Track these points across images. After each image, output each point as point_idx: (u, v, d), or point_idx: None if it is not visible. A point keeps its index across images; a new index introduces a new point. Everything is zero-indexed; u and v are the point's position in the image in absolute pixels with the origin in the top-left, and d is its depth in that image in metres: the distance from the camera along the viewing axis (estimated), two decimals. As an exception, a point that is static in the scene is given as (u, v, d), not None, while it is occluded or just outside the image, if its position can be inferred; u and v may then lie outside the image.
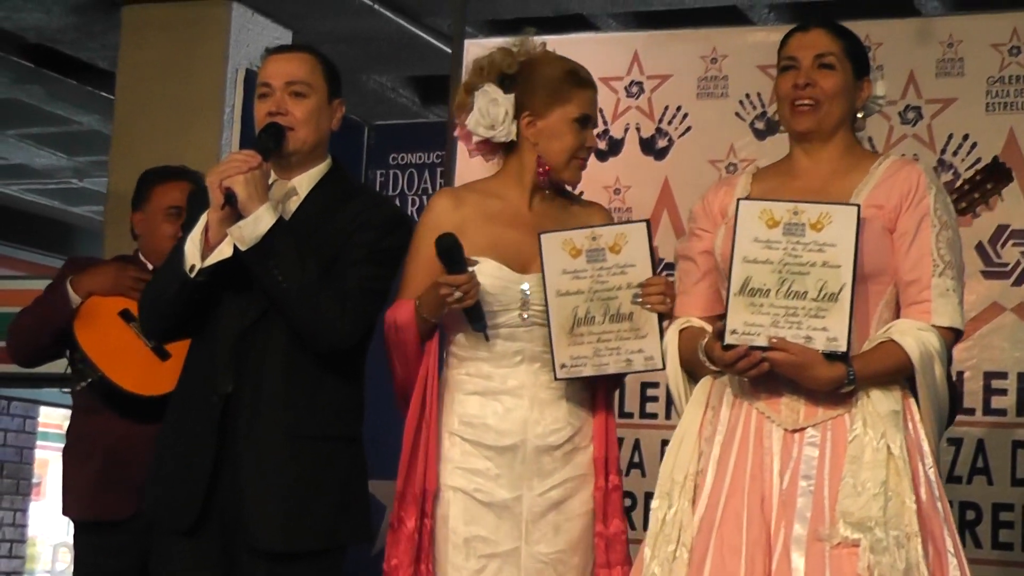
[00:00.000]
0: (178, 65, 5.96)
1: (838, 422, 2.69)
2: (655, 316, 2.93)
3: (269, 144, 3.02)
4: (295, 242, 2.96)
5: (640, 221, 3.01)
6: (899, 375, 2.73)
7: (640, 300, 2.93)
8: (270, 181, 3.03)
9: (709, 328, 2.84)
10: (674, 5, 5.87)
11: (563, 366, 2.96)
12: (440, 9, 5.92)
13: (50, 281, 4.00)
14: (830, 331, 2.64)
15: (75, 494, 3.89)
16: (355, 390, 3.10)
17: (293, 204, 3.08)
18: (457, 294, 2.89)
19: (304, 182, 3.11)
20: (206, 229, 2.96)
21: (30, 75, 7.17)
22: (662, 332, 2.94)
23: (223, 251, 2.94)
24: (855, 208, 2.68)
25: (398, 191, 5.74)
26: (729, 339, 2.64)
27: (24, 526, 9.03)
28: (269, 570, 2.92)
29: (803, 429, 2.69)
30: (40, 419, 9.36)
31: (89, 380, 3.76)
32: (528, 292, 3.00)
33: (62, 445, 4.07)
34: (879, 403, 2.70)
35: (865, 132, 3.12)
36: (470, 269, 2.92)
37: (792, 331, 2.63)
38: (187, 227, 3.03)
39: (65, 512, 3.99)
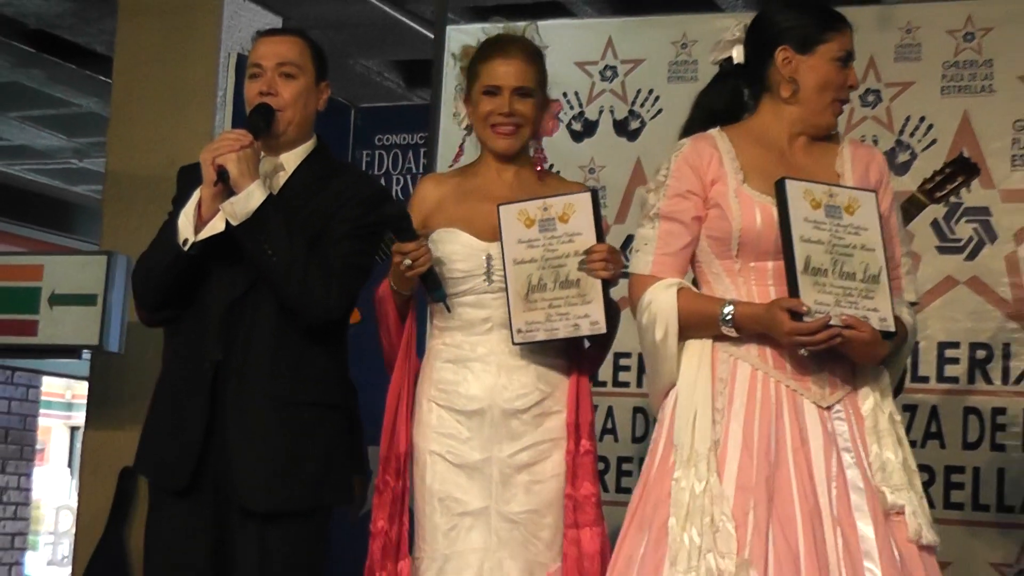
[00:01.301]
0: (173, 50, 5.93)
1: (852, 397, 2.69)
2: (599, 282, 2.92)
3: (260, 124, 3.02)
4: (284, 218, 2.95)
5: (585, 191, 3.00)
6: (896, 349, 2.74)
7: (585, 267, 2.92)
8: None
9: (694, 289, 2.78)
10: (647, -7, 5.86)
11: (519, 331, 2.96)
12: (424, -4, 5.91)
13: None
14: (880, 311, 2.62)
15: None
16: (338, 359, 3.10)
17: (280, 179, 3.08)
18: (407, 261, 2.91)
19: (291, 159, 3.11)
20: (199, 204, 2.95)
21: (31, 59, 7.13)
22: (607, 297, 2.92)
23: (215, 226, 2.94)
24: (874, 194, 2.68)
25: (383, 171, 5.73)
26: (807, 318, 2.58)
27: (28, 490, 9.02)
28: (258, 529, 2.92)
29: (831, 406, 2.67)
30: (43, 388, 9.35)
31: None
32: (493, 258, 3.01)
33: (64, 413, 4.04)
34: (881, 376, 2.71)
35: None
36: (421, 239, 2.94)
37: (851, 310, 2.60)
38: (179, 203, 3.03)
39: None
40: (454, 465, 2.99)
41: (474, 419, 3.00)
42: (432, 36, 5.24)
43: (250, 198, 2.92)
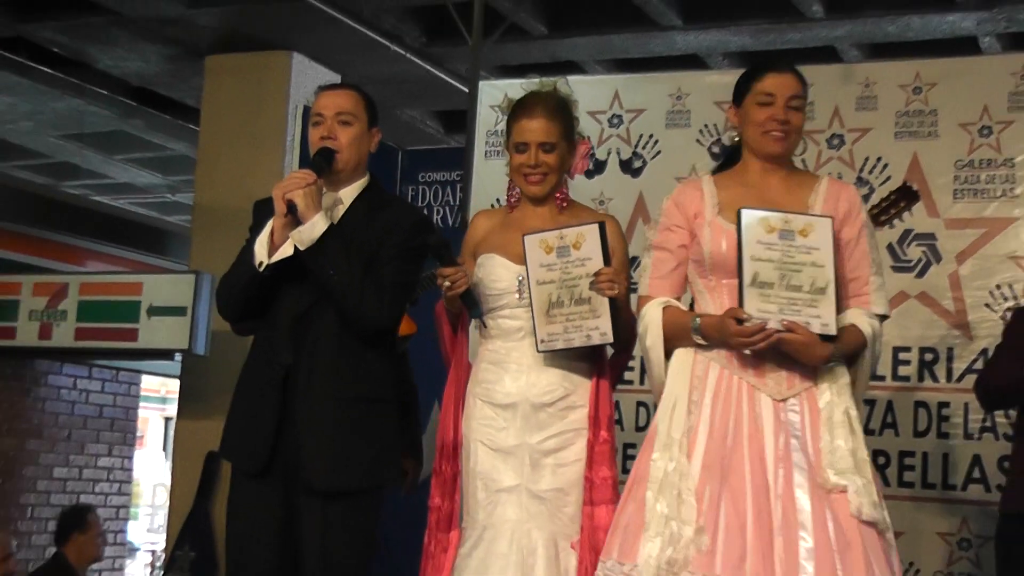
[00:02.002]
0: (250, 103, 5.97)
1: (810, 393, 2.69)
2: (607, 299, 2.91)
3: (322, 164, 3.02)
4: (343, 244, 2.95)
5: (594, 223, 2.98)
6: (857, 352, 2.73)
7: (595, 287, 2.91)
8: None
9: (683, 307, 2.82)
10: (647, 53, 5.88)
11: (542, 341, 2.97)
12: (459, 56, 5.92)
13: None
14: (823, 318, 2.63)
15: None
16: (388, 361, 3.08)
17: (340, 211, 3.07)
18: (446, 283, 2.93)
19: (348, 193, 3.10)
20: (272, 233, 2.95)
21: (133, 111, 7.19)
22: (614, 311, 2.91)
23: (286, 251, 2.94)
24: (830, 220, 2.69)
25: (425, 203, 5.74)
26: (748, 323, 2.62)
27: (130, 470, 9.02)
28: (322, 506, 2.91)
29: (786, 399, 2.67)
30: (142, 385, 9.37)
31: None
32: (523, 279, 3.01)
33: (159, 406, 4.01)
34: (840, 376, 2.70)
35: (798, 154, 3.10)
36: (460, 265, 2.97)
37: (794, 317, 2.62)
38: (255, 231, 3.03)
39: None
40: (492, 450, 3.00)
41: (508, 411, 3.00)
42: (467, 90, 5.25)
43: (315, 227, 2.92)
